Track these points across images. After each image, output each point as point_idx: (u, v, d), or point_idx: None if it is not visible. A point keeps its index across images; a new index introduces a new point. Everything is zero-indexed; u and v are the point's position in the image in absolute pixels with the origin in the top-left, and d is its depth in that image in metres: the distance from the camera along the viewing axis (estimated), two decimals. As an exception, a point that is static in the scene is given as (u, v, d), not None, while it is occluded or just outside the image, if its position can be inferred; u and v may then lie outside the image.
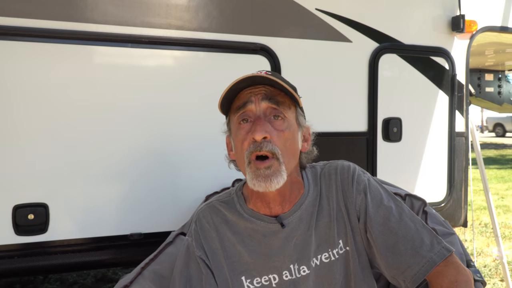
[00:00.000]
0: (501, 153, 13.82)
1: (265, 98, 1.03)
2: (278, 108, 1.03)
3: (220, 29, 1.77)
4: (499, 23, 2.36)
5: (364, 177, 1.12)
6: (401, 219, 1.05)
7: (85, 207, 1.60)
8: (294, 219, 1.08)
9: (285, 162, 1.02)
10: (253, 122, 1.02)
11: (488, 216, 4.56)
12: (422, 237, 1.02)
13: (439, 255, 1.00)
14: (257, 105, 1.03)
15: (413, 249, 1.01)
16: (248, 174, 1.02)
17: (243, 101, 1.04)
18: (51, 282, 3.27)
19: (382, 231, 1.04)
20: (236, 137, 1.06)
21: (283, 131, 1.03)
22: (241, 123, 1.04)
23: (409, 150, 2.14)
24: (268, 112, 1.03)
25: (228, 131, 1.13)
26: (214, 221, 1.13)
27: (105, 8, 1.61)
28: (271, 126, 1.02)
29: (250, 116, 1.04)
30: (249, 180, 1.02)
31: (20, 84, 1.51)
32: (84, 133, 1.59)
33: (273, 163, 1.00)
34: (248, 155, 1.01)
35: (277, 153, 1.00)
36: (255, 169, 1.00)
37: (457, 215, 2.26)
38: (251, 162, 1.01)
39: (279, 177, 1.00)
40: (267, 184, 0.99)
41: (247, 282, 1.06)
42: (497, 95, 3.63)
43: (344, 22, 1.97)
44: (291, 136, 1.05)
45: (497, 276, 3.34)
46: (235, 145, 1.07)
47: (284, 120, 1.04)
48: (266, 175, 0.99)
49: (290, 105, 1.07)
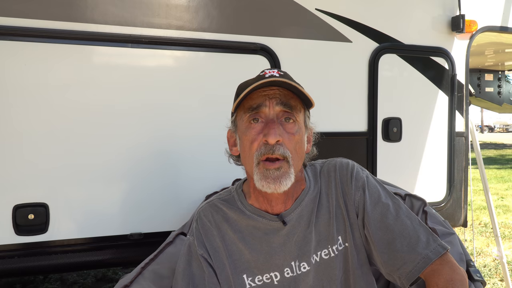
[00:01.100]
0: (501, 153, 13.83)
1: (279, 103, 1.04)
2: (291, 112, 1.05)
3: (220, 29, 1.77)
4: (499, 23, 2.36)
5: (362, 174, 1.13)
6: (398, 216, 1.06)
7: (85, 207, 1.60)
8: (295, 216, 1.09)
9: (294, 165, 1.04)
10: (266, 124, 1.03)
11: (488, 216, 4.56)
12: (418, 235, 1.03)
13: (434, 252, 1.00)
14: (271, 108, 1.04)
15: (409, 246, 1.02)
16: (256, 174, 1.03)
17: (257, 103, 1.04)
18: (51, 282, 3.27)
19: (379, 228, 1.05)
20: (245, 136, 1.06)
21: (294, 134, 1.05)
22: (251, 123, 1.05)
23: (409, 150, 2.14)
24: (280, 114, 1.05)
25: (233, 126, 1.13)
26: (215, 219, 1.13)
27: (105, 8, 1.61)
28: (282, 128, 1.03)
29: (262, 117, 1.05)
30: (257, 181, 1.02)
31: (20, 84, 1.51)
32: (84, 133, 1.59)
33: (283, 165, 1.01)
34: (258, 156, 1.02)
35: (288, 157, 1.02)
36: (264, 170, 1.01)
37: (457, 215, 2.26)
38: (260, 163, 1.02)
39: (287, 179, 1.02)
40: (276, 186, 1.01)
41: (248, 280, 1.07)
42: (497, 95, 3.63)
43: (344, 22, 1.97)
44: (300, 139, 1.07)
45: (497, 276, 3.34)
46: (243, 143, 1.07)
47: (295, 123, 1.06)
48: (276, 176, 1.01)
49: (300, 108, 1.09)
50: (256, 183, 1.03)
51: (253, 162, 1.03)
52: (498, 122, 42.60)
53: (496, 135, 32.51)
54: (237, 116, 1.11)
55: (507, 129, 42.24)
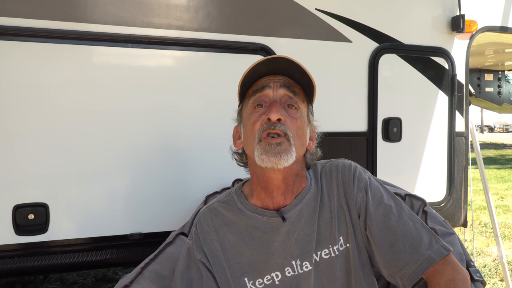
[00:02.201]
0: (501, 153, 13.84)
1: (283, 86, 1.07)
2: (293, 98, 1.08)
3: (220, 29, 1.77)
4: (499, 23, 2.36)
5: (365, 175, 1.13)
6: (400, 217, 1.06)
7: (85, 207, 1.60)
8: (295, 213, 1.09)
9: (295, 146, 1.04)
10: (269, 105, 1.05)
11: (488, 216, 4.56)
12: (421, 236, 1.03)
13: (437, 253, 1.00)
14: (275, 90, 1.07)
15: (411, 247, 1.01)
16: (257, 150, 1.03)
17: (261, 85, 1.08)
18: (51, 282, 3.27)
19: (381, 229, 1.05)
20: (249, 120, 1.07)
21: (296, 119, 1.06)
22: (256, 108, 1.07)
23: (409, 150, 2.14)
24: (284, 100, 1.07)
25: (238, 118, 1.15)
26: (214, 223, 1.13)
27: (105, 8, 1.61)
28: (285, 112, 1.05)
29: (266, 101, 1.07)
30: (258, 156, 1.02)
31: (20, 84, 1.51)
32: (84, 133, 1.59)
33: (284, 141, 1.02)
34: (260, 133, 1.03)
35: (289, 135, 1.03)
36: (265, 145, 1.02)
37: (457, 215, 2.26)
38: (261, 140, 1.03)
39: (288, 155, 1.02)
40: (277, 160, 1.00)
41: (249, 284, 1.07)
42: (497, 95, 3.63)
43: (344, 22, 1.97)
44: (302, 126, 1.08)
45: (497, 276, 3.34)
46: (246, 128, 1.09)
47: (297, 110, 1.08)
48: (277, 151, 1.01)
49: (304, 100, 1.11)
50: (256, 159, 1.03)
51: (254, 141, 1.04)
52: (498, 122, 42.59)
53: (496, 135, 32.51)
54: (243, 106, 1.13)
55: (507, 129, 42.23)
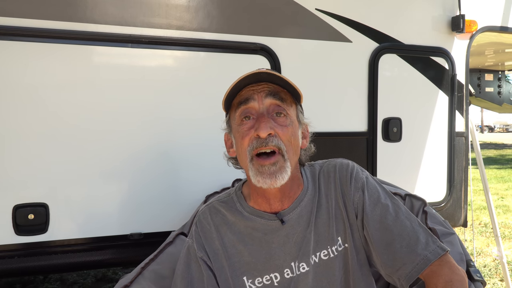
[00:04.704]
0: (501, 153, 13.84)
1: (269, 95, 1.04)
2: (281, 105, 1.04)
3: (220, 29, 1.77)
4: (499, 23, 2.36)
5: (362, 175, 1.13)
6: (397, 217, 1.06)
7: (85, 207, 1.60)
8: (294, 216, 1.08)
9: (289, 158, 1.03)
10: (256, 119, 1.03)
11: (488, 216, 4.56)
12: (417, 236, 1.03)
13: (433, 254, 1.00)
14: (260, 102, 1.04)
15: (408, 247, 1.01)
16: (251, 170, 1.02)
17: (245, 97, 1.05)
18: (51, 282, 3.27)
19: (378, 229, 1.05)
20: (237, 133, 1.06)
21: (287, 127, 1.04)
22: (243, 120, 1.05)
23: (409, 150, 2.14)
24: (271, 109, 1.04)
25: (227, 128, 1.14)
26: (214, 221, 1.13)
27: (105, 8, 1.61)
28: (274, 122, 1.03)
29: (253, 113, 1.04)
30: (253, 177, 1.02)
31: (20, 84, 1.51)
32: (84, 134, 1.59)
33: (278, 159, 1.01)
34: (251, 151, 1.02)
35: (282, 149, 1.01)
36: (258, 166, 1.01)
37: (457, 215, 2.26)
38: (253, 159, 1.02)
39: (283, 173, 1.01)
40: (272, 181, 1.00)
41: (248, 282, 1.07)
42: (497, 95, 3.63)
43: (344, 22, 1.97)
44: (294, 132, 1.06)
45: (497, 276, 3.34)
46: (237, 141, 1.07)
47: (286, 117, 1.05)
48: (271, 172, 1.00)
49: (291, 103, 1.08)
50: (252, 179, 1.03)
51: (247, 158, 1.03)
52: (498, 122, 42.60)
53: (496, 135, 32.50)
54: (230, 117, 1.11)
55: (507, 129, 42.23)
